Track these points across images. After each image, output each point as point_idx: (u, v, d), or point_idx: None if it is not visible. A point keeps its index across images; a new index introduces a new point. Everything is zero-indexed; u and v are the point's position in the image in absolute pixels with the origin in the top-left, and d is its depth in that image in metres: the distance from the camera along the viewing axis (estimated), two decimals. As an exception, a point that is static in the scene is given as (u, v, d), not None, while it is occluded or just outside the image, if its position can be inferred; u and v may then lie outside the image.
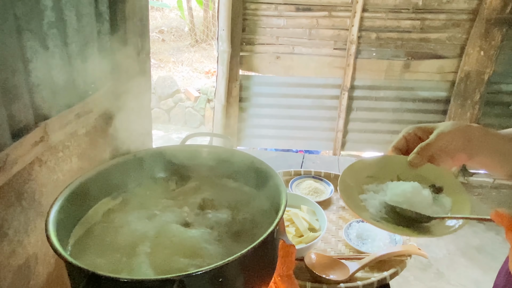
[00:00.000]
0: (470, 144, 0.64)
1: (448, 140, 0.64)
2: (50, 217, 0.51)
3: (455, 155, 0.65)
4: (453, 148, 0.64)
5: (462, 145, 0.64)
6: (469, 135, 0.64)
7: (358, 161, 0.73)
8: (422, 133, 0.69)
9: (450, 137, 0.64)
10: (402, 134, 0.71)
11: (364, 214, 0.61)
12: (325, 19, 2.77)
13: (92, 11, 0.91)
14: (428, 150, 0.65)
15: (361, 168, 0.71)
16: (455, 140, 0.64)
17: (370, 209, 0.62)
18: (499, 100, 2.80)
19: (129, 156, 0.73)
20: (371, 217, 0.61)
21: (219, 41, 2.80)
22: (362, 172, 0.70)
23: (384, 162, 0.71)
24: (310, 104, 2.97)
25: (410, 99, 2.90)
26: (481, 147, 0.64)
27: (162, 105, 5.03)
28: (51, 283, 0.84)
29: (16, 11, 0.67)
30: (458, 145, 0.64)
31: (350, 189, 0.66)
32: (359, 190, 0.67)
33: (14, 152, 0.66)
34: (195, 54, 6.91)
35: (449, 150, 0.65)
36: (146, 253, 0.53)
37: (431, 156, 0.66)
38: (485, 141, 0.65)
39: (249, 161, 0.71)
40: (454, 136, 0.64)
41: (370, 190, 0.67)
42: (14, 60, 0.67)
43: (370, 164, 0.72)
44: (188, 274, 0.42)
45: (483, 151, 0.65)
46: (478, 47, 2.63)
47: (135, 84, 1.06)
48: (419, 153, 0.65)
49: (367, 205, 0.63)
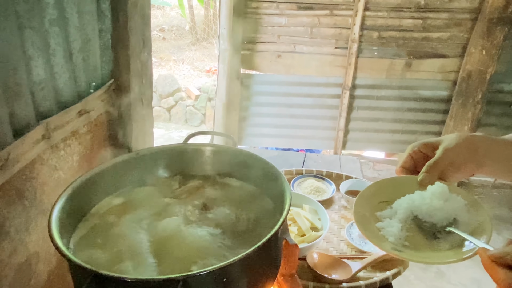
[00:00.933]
0: (476, 155, 0.64)
1: (455, 154, 0.64)
2: (52, 217, 0.51)
3: (462, 167, 0.65)
4: (461, 161, 0.64)
5: (469, 156, 0.64)
6: (475, 146, 0.64)
7: (368, 188, 0.71)
8: (427, 150, 0.68)
9: (457, 151, 0.64)
10: (407, 153, 0.71)
11: (385, 245, 0.60)
12: (327, 18, 2.76)
13: (93, 9, 0.90)
14: (437, 168, 0.64)
15: (373, 194, 0.69)
16: (462, 153, 0.64)
17: (389, 238, 0.61)
18: (501, 99, 2.80)
19: (132, 155, 0.73)
20: (392, 247, 0.59)
21: (220, 40, 2.79)
22: (374, 198, 0.69)
23: (394, 184, 0.70)
24: (311, 103, 2.96)
25: (412, 98, 2.89)
26: (488, 156, 0.64)
27: (163, 104, 5.02)
28: (52, 281, 0.84)
29: (17, 9, 0.67)
30: (465, 157, 0.64)
31: (366, 220, 0.64)
32: (375, 218, 0.65)
33: (16, 150, 0.66)
34: (196, 53, 6.90)
35: (456, 164, 0.64)
36: (149, 252, 0.53)
37: (441, 173, 0.65)
38: (491, 149, 0.64)
39: (253, 160, 0.70)
40: (460, 149, 0.64)
41: (386, 216, 0.65)
42: (15, 58, 0.66)
43: (380, 189, 0.70)
44: (192, 274, 0.41)
45: (491, 160, 0.64)
46: (480, 46, 2.62)
47: (136, 82, 1.06)
48: (429, 172, 0.65)
49: (386, 234, 0.62)
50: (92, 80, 0.95)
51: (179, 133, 4.73)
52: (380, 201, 0.68)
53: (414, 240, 0.61)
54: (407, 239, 0.61)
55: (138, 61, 1.05)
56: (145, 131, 1.16)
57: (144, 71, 1.10)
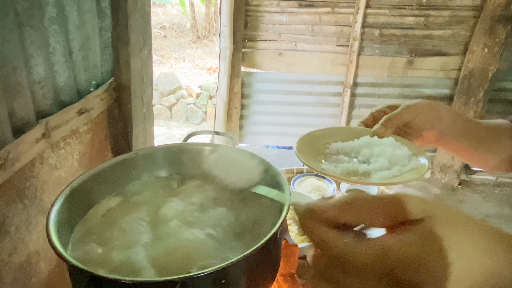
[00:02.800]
0: (439, 123, 0.63)
1: (414, 113, 0.62)
2: (50, 217, 0.50)
3: (423, 131, 0.64)
4: (420, 122, 0.63)
5: (431, 121, 0.63)
6: (438, 113, 0.63)
7: (317, 130, 0.70)
8: (390, 110, 0.67)
9: (416, 110, 0.62)
10: (370, 112, 0.70)
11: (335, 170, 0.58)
12: (328, 16, 2.75)
13: (93, 7, 0.90)
14: (393, 121, 0.63)
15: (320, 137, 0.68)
16: (422, 114, 0.62)
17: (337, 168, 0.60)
18: (503, 97, 2.79)
19: (131, 155, 0.73)
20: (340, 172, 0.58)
21: (221, 38, 2.78)
22: (321, 140, 0.67)
23: (346, 132, 0.68)
24: (312, 101, 2.96)
25: (413, 96, 2.88)
26: (451, 128, 0.63)
27: (164, 102, 5.02)
28: (53, 280, 0.84)
29: (17, 7, 0.66)
30: (425, 120, 0.63)
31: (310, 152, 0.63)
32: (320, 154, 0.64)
33: (15, 149, 0.66)
34: (197, 51, 6.89)
35: (416, 124, 0.63)
36: (147, 253, 0.53)
37: (398, 128, 0.64)
38: (455, 122, 0.63)
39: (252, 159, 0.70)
40: (421, 110, 0.62)
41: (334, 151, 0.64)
42: (15, 56, 0.66)
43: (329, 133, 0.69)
44: (190, 276, 0.41)
45: (453, 132, 0.63)
46: (482, 44, 2.61)
47: (136, 81, 1.05)
48: (384, 124, 0.63)
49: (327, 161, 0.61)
50: (92, 78, 0.95)
51: (180, 131, 4.73)
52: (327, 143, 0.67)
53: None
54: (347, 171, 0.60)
55: (138, 59, 1.04)
56: (145, 129, 1.16)
57: (145, 70, 1.10)
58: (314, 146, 0.66)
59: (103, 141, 1.02)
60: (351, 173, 0.59)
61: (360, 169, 0.59)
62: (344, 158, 0.63)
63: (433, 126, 0.63)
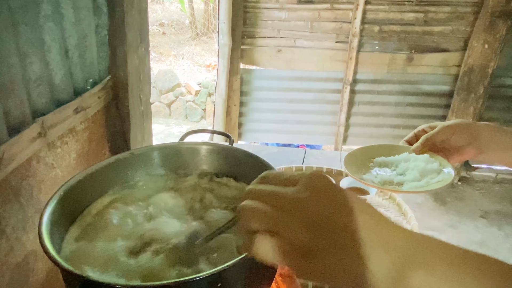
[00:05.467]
0: (477, 141, 0.67)
1: (449, 132, 0.69)
2: (43, 220, 0.50)
3: (461, 149, 0.69)
4: (456, 140, 0.69)
5: (468, 140, 0.68)
6: (475, 132, 0.67)
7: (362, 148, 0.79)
8: (431, 129, 0.75)
9: (451, 130, 0.69)
10: (413, 132, 0.78)
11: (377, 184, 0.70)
12: (327, 12, 2.73)
13: (89, 4, 0.89)
14: (430, 140, 0.71)
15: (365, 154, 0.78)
16: (458, 133, 0.68)
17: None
18: (503, 94, 2.77)
19: (127, 154, 0.72)
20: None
21: (220, 35, 2.77)
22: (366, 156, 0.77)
23: (391, 148, 0.78)
24: (311, 98, 2.95)
25: (413, 93, 2.87)
26: (491, 144, 0.67)
27: (163, 99, 5.00)
28: (51, 279, 0.84)
29: (11, 4, 0.65)
30: (461, 139, 0.68)
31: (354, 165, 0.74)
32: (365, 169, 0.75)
33: (11, 148, 0.65)
34: (196, 48, 6.86)
35: (452, 142, 0.69)
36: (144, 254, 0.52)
37: (434, 145, 0.72)
38: (495, 138, 0.67)
39: (249, 158, 0.69)
40: (456, 130, 0.69)
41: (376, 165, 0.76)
42: (9, 55, 0.65)
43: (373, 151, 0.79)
44: (185, 280, 0.40)
45: (494, 147, 0.67)
46: (482, 40, 2.59)
47: (134, 78, 1.04)
48: (422, 143, 0.72)
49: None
50: (88, 76, 0.94)
51: (179, 129, 4.72)
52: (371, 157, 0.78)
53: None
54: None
55: (135, 56, 1.03)
56: (143, 127, 1.15)
57: (142, 67, 1.09)
58: (360, 160, 0.77)
59: (100, 140, 1.01)
60: (387, 182, 0.72)
61: (396, 179, 0.72)
62: (385, 170, 0.76)
63: (470, 143, 0.68)
